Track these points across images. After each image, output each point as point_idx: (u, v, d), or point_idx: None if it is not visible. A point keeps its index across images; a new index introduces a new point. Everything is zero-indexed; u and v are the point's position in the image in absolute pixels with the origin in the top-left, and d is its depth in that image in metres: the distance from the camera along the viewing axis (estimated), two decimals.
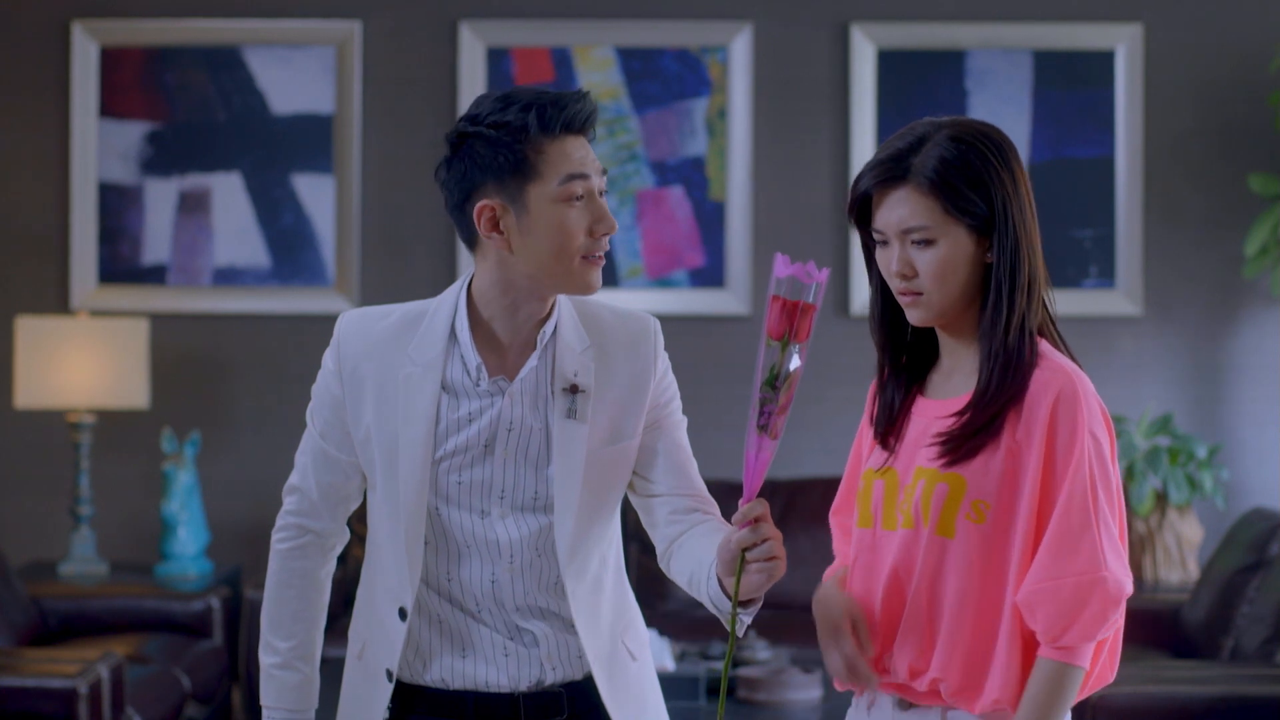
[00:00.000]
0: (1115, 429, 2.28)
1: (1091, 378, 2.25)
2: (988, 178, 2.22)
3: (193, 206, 5.86)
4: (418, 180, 5.77)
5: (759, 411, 2.19)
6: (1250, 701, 3.97)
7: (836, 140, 5.86)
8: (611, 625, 2.44)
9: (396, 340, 2.39)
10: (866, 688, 2.29)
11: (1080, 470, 2.17)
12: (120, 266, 5.86)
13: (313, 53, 5.86)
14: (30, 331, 5.41)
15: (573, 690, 2.41)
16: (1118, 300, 5.85)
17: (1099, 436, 2.20)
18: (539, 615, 2.39)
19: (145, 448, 5.79)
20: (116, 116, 5.86)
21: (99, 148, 5.84)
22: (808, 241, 5.80)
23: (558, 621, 2.40)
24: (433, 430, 2.35)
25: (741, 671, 4.38)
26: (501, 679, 2.39)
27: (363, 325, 2.42)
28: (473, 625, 2.39)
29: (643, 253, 5.87)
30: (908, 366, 2.35)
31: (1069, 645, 2.16)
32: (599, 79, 5.83)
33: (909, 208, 2.23)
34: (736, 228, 5.85)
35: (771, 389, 2.18)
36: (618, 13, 5.87)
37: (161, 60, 5.86)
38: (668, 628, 5.05)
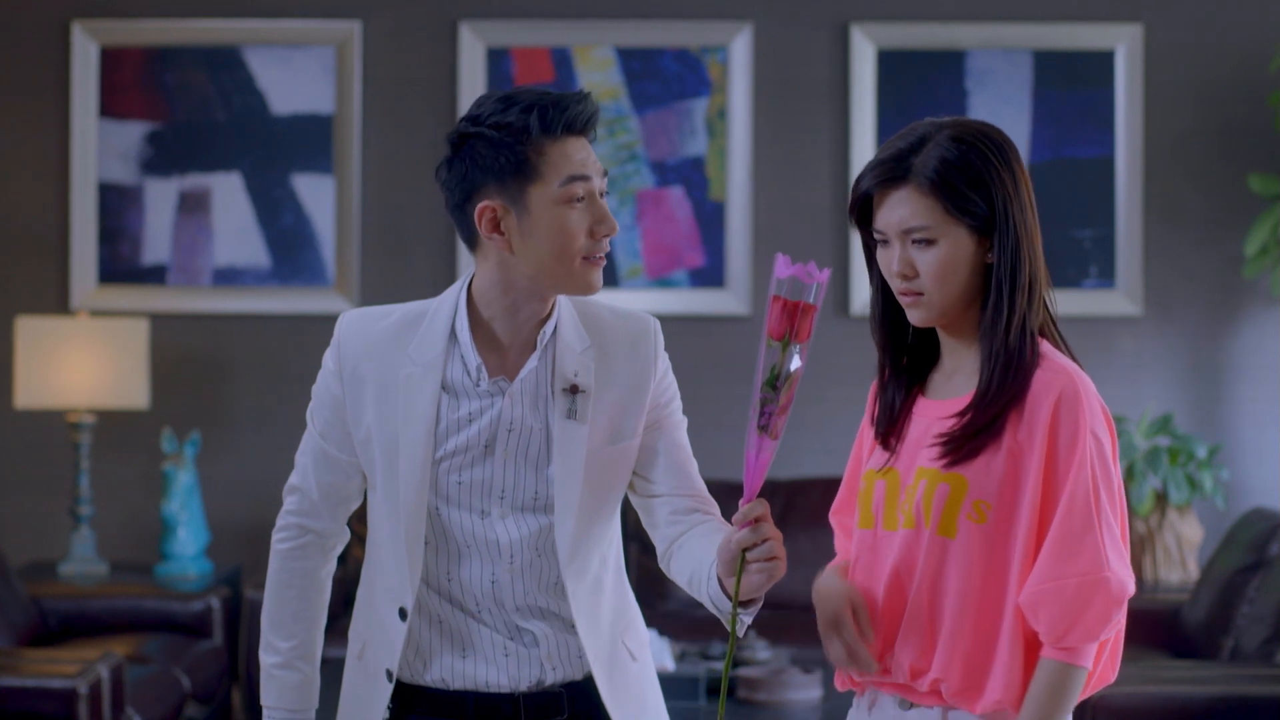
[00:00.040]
0: (1115, 429, 2.28)
1: (1092, 378, 2.25)
2: (988, 178, 2.22)
3: (193, 206, 5.86)
4: (418, 180, 5.77)
5: (759, 412, 2.20)
6: (1250, 701, 3.97)
7: (836, 140, 5.86)
8: (612, 625, 2.44)
9: (397, 340, 2.39)
10: (866, 673, 2.28)
11: (1082, 471, 2.17)
12: (120, 266, 5.86)
13: (313, 53, 5.86)
14: (30, 331, 5.41)
15: (573, 690, 2.41)
16: (1118, 300, 5.84)
17: (1101, 437, 2.20)
18: (539, 615, 2.39)
19: (145, 448, 5.79)
20: (116, 116, 5.85)
21: (99, 148, 5.84)
22: (808, 241, 5.80)
23: (558, 621, 2.40)
24: (433, 430, 2.35)
25: (741, 671, 4.38)
26: (502, 679, 2.39)
27: (363, 325, 2.42)
28: (473, 625, 2.39)
29: (643, 253, 5.86)
30: (909, 367, 2.35)
31: (1072, 646, 2.16)
32: (599, 79, 5.83)
33: (910, 208, 2.23)
34: (736, 228, 5.84)
35: (772, 389, 2.18)
36: (618, 13, 5.87)
37: (161, 60, 5.86)
38: (668, 628, 5.05)
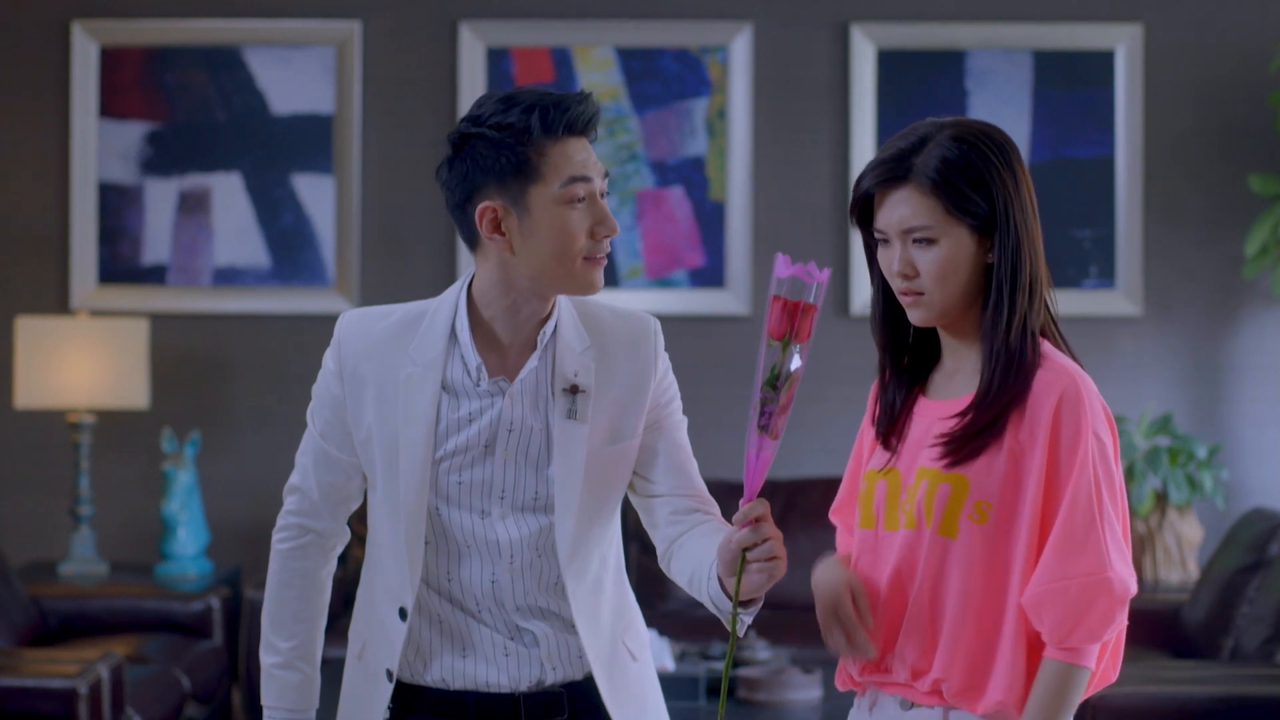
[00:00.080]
0: (1116, 429, 2.28)
1: (1092, 378, 2.25)
2: (989, 178, 2.22)
3: (193, 206, 5.86)
4: (418, 180, 5.77)
5: (760, 411, 2.20)
6: (1250, 701, 3.97)
7: (836, 140, 5.85)
8: (612, 625, 2.44)
9: (397, 340, 2.39)
10: (866, 660, 2.28)
11: (1084, 471, 2.17)
12: (120, 266, 5.86)
13: (313, 53, 5.86)
14: (30, 331, 5.41)
15: (573, 690, 2.41)
16: (1118, 300, 5.84)
17: (1102, 437, 2.20)
18: (539, 615, 2.39)
19: (145, 448, 5.79)
20: (116, 116, 5.85)
21: (99, 148, 5.84)
22: (808, 241, 5.80)
23: (558, 621, 2.40)
24: (433, 430, 2.35)
25: (741, 671, 4.38)
26: (502, 679, 2.39)
27: (363, 325, 2.41)
28: (473, 625, 2.39)
29: (643, 253, 5.86)
30: (909, 367, 2.35)
31: (1075, 646, 2.16)
32: (599, 79, 5.83)
33: (910, 207, 2.23)
34: (736, 228, 5.84)
35: (772, 389, 2.18)
36: (618, 13, 5.87)
37: (161, 60, 5.86)
38: (668, 628, 5.05)
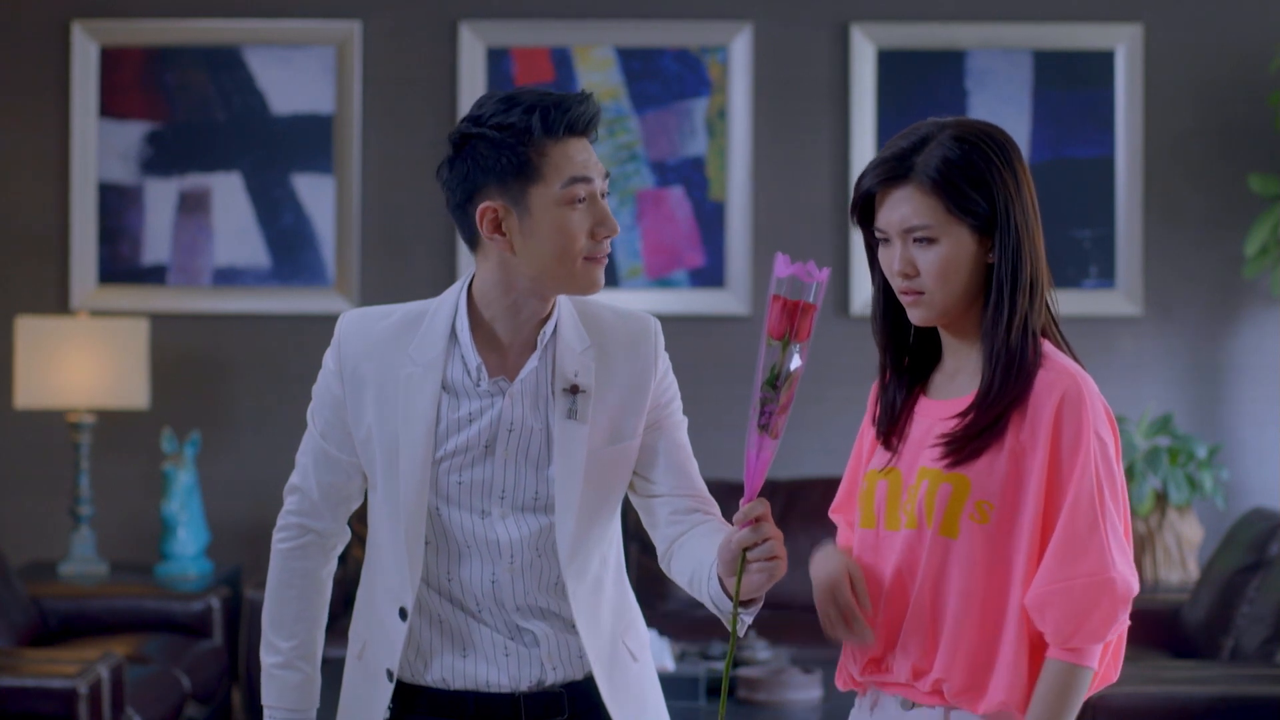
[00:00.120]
0: (1118, 429, 2.28)
1: (1092, 378, 2.25)
2: (990, 178, 2.22)
3: (193, 206, 5.86)
4: (418, 180, 5.77)
5: (760, 411, 2.19)
6: (1250, 701, 3.97)
7: (836, 140, 5.85)
8: (612, 625, 2.44)
9: (397, 340, 2.39)
10: (864, 647, 2.28)
11: (1086, 472, 2.17)
12: (120, 266, 5.86)
13: (313, 53, 5.86)
14: (30, 331, 5.41)
15: (573, 690, 2.41)
16: (1118, 300, 5.84)
17: (1104, 438, 2.20)
18: (539, 615, 2.39)
19: (145, 448, 5.79)
20: (116, 116, 5.85)
21: (99, 148, 5.84)
22: (808, 241, 5.80)
23: (558, 621, 2.40)
24: (433, 430, 2.35)
25: (742, 671, 4.38)
26: (502, 679, 2.39)
27: (363, 325, 2.41)
28: (473, 625, 2.39)
29: (643, 253, 5.86)
30: (910, 367, 2.35)
31: (1078, 646, 2.16)
32: (599, 79, 5.83)
33: (911, 206, 2.23)
34: (736, 228, 5.84)
35: (772, 389, 2.18)
36: (618, 13, 5.87)
37: (161, 60, 5.86)
38: (668, 628, 5.05)
